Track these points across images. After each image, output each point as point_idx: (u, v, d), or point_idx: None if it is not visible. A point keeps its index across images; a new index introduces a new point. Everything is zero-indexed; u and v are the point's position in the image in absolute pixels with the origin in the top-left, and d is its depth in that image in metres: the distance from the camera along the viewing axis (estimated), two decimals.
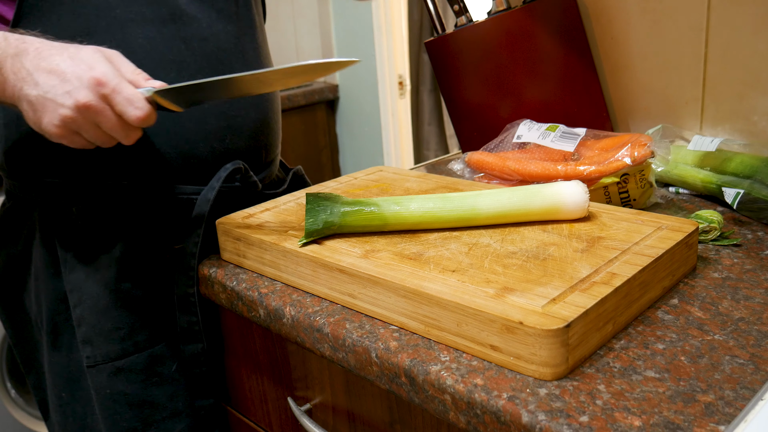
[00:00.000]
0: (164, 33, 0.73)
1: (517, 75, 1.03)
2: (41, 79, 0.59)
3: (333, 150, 2.53)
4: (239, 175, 0.79)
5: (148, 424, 0.76)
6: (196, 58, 0.75)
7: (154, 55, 0.73)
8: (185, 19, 0.75)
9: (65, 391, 0.78)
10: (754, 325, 0.54)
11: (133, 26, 0.72)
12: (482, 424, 0.48)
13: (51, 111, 0.59)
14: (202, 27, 0.76)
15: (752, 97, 0.89)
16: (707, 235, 0.71)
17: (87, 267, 0.74)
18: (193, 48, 0.75)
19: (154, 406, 0.76)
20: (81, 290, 0.74)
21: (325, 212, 0.67)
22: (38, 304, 0.79)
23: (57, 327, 0.77)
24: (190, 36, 0.75)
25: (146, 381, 0.75)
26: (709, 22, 0.91)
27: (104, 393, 0.74)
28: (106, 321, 0.74)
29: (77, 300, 0.74)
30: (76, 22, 0.70)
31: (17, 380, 1.72)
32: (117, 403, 0.74)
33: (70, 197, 0.75)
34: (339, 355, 0.59)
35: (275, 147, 0.88)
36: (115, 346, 0.74)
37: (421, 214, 0.66)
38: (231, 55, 0.78)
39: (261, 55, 0.84)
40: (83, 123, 0.61)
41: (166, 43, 0.73)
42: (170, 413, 0.76)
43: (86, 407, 0.78)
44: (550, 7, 1.00)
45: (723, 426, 0.42)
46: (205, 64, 0.76)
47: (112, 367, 0.74)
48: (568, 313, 0.49)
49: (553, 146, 0.83)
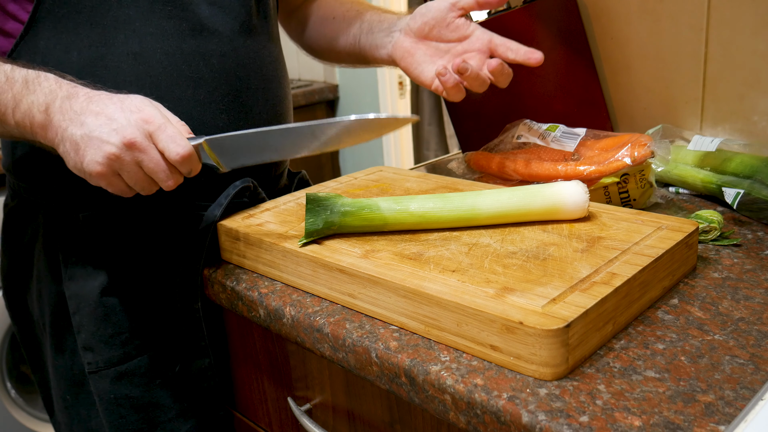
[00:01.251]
0: (183, 48, 0.72)
1: (517, 75, 1.03)
2: (89, 120, 0.60)
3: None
4: (248, 192, 0.79)
5: (154, 426, 0.75)
6: (214, 75, 0.74)
7: (171, 70, 0.72)
8: (205, 33, 0.74)
9: (69, 393, 0.78)
10: (754, 325, 0.54)
11: (152, 40, 0.71)
12: (482, 424, 0.48)
13: (95, 148, 0.59)
14: (223, 42, 0.75)
15: (752, 97, 0.89)
16: (707, 235, 0.71)
17: (87, 275, 0.74)
18: (212, 65, 0.74)
19: (159, 407, 0.75)
20: (79, 297, 0.74)
21: (325, 212, 0.66)
22: (40, 306, 0.79)
23: (59, 330, 0.77)
24: (209, 52, 0.74)
25: (150, 383, 0.75)
26: (709, 22, 0.91)
27: (108, 398, 0.74)
28: (105, 327, 0.74)
29: (75, 307, 0.74)
30: (94, 32, 0.69)
31: (17, 380, 1.72)
32: (122, 407, 0.74)
33: (77, 204, 0.75)
34: (339, 355, 0.59)
35: (285, 161, 0.88)
36: (116, 351, 0.74)
37: (421, 214, 0.66)
38: (250, 71, 0.78)
39: (278, 69, 0.84)
40: (126, 162, 0.60)
41: (184, 59, 0.73)
42: (176, 413, 0.76)
43: (90, 410, 0.78)
44: (550, 7, 1.00)
45: (723, 426, 0.42)
46: (223, 81, 0.75)
47: (114, 372, 0.74)
48: (568, 313, 0.49)
49: (553, 146, 0.83)
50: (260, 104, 0.79)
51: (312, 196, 0.68)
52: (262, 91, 0.80)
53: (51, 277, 0.76)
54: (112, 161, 0.60)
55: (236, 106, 0.76)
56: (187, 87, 0.73)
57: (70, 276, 0.74)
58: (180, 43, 0.72)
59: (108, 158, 0.59)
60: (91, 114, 0.60)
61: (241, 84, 0.77)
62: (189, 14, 0.73)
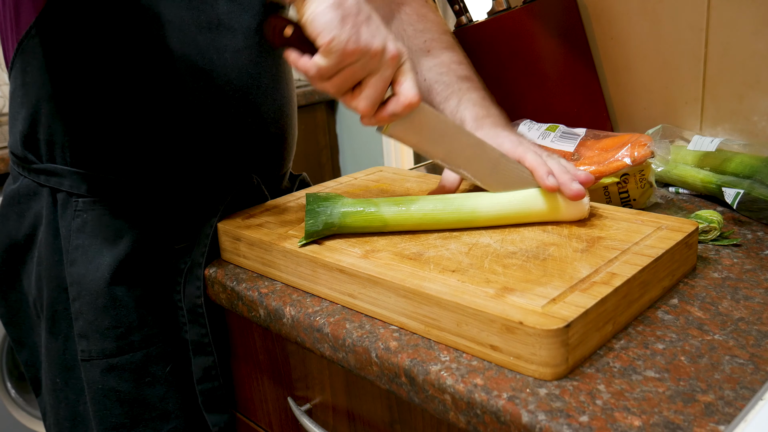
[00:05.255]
0: (198, 41, 0.73)
1: (517, 75, 1.03)
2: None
3: (333, 150, 2.53)
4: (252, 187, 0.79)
5: (136, 422, 0.76)
6: (226, 70, 0.75)
7: (185, 60, 0.73)
8: (221, 29, 0.74)
9: (59, 377, 0.79)
10: (754, 325, 0.54)
11: (171, 28, 0.71)
12: (482, 424, 0.48)
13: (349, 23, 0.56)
14: (238, 38, 0.75)
15: (752, 97, 0.89)
16: (707, 235, 0.71)
17: (88, 262, 0.74)
18: (225, 59, 0.75)
19: (144, 405, 0.76)
20: (81, 285, 0.74)
21: (325, 214, 0.66)
22: (39, 288, 0.79)
23: (56, 314, 0.77)
24: (224, 47, 0.74)
25: (139, 380, 0.75)
26: (709, 22, 0.91)
27: (96, 387, 0.75)
28: (103, 318, 0.74)
29: (76, 294, 0.74)
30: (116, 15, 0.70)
31: (17, 380, 1.72)
32: (108, 398, 0.75)
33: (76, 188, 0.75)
34: (339, 355, 0.59)
35: (288, 161, 0.88)
36: (110, 343, 0.74)
37: (421, 216, 0.66)
38: (261, 69, 0.78)
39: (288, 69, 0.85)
40: (354, 59, 0.57)
41: (198, 51, 0.73)
42: (159, 414, 0.76)
43: (79, 396, 0.78)
44: (550, 7, 1.00)
45: (723, 426, 0.42)
46: (234, 76, 0.76)
47: (105, 363, 0.74)
48: (568, 313, 0.49)
49: (553, 146, 0.83)
50: (269, 102, 0.80)
51: (312, 196, 0.68)
52: (272, 90, 0.80)
53: (53, 261, 0.77)
54: (370, 53, 0.57)
55: (246, 103, 0.77)
56: (199, 78, 0.74)
57: (71, 262, 0.74)
58: (196, 35, 0.73)
59: (370, 48, 0.57)
60: None
61: (252, 81, 0.77)
62: (208, 8, 0.73)
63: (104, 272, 0.74)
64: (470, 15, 1.04)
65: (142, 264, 0.76)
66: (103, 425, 0.75)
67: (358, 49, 0.57)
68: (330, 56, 0.57)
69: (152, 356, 0.76)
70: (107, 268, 0.74)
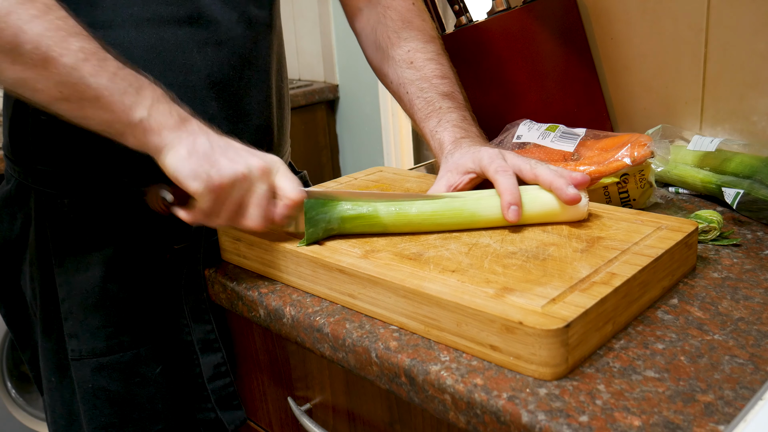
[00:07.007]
0: (179, 35, 0.72)
1: (517, 75, 1.03)
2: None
3: (333, 150, 2.53)
4: None
5: (125, 422, 0.76)
6: (207, 63, 0.74)
7: (165, 55, 0.72)
8: (202, 21, 0.74)
9: (54, 376, 0.79)
10: (754, 325, 0.54)
11: (149, 26, 0.71)
12: (482, 424, 0.48)
13: (229, 161, 0.61)
14: (220, 31, 0.75)
15: (752, 97, 0.90)
16: (707, 235, 0.71)
17: (77, 263, 0.74)
18: (206, 52, 0.74)
19: (133, 405, 0.76)
20: (70, 284, 0.74)
21: (324, 221, 0.66)
22: (33, 288, 0.79)
23: (48, 314, 0.77)
24: (204, 40, 0.74)
25: (128, 380, 0.75)
26: (709, 22, 0.91)
27: (86, 387, 0.75)
28: (93, 318, 0.74)
29: (65, 294, 0.74)
30: (93, 13, 0.69)
31: (17, 380, 1.72)
32: (97, 398, 0.75)
33: (62, 188, 0.75)
34: (339, 355, 0.59)
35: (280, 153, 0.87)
36: (100, 343, 0.74)
37: (421, 220, 0.66)
38: (244, 61, 0.77)
39: (275, 61, 0.83)
40: (242, 187, 0.61)
41: (178, 46, 0.72)
42: (148, 414, 0.76)
43: (73, 395, 0.78)
44: (550, 7, 1.00)
45: (722, 426, 0.42)
46: (216, 69, 0.75)
47: (95, 363, 0.74)
48: (567, 313, 0.49)
49: (553, 146, 0.83)
50: (252, 93, 0.79)
51: (310, 204, 0.67)
52: (256, 82, 0.79)
53: (42, 262, 0.77)
54: (238, 179, 0.61)
55: (228, 95, 0.77)
56: (179, 73, 0.73)
57: (60, 262, 0.74)
58: (176, 30, 0.72)
59: (235, 174, 0.60)
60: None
61: (234, 74, 0.77)
62: (188, 2, 0.73)
63: (93, 272, 0.74)
64: (470, 15, 1.04)
65: (133, 264, 0.75)
66: (93, 424, 0.76)
67: (226, 180, 0.60)
68: (205, 198, 0.60)
69: (142, 357, 0.76)
70: (96, 268, 0.74)
